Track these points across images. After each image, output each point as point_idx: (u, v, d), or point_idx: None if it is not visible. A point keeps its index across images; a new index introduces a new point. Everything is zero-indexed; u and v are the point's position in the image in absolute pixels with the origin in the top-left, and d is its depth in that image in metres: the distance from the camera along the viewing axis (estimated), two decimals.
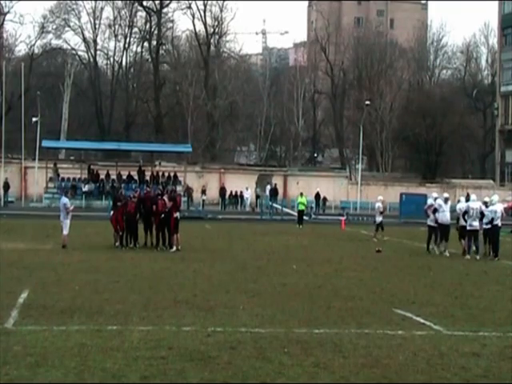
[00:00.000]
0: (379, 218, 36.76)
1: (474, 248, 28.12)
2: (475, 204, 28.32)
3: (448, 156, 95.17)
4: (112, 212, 28.88)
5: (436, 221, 29.35)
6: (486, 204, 28.33)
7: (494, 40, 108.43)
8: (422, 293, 18.29)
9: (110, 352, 11.26)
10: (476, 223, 27.80)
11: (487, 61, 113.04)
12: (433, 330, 13.76)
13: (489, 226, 27.70)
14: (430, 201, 31.21)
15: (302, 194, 49.41)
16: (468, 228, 27.93)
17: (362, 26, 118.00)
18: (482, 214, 27.78)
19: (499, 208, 28.68)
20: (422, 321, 14.53)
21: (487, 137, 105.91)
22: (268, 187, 71.26)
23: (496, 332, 13.67)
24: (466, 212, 28.14)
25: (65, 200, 28.42)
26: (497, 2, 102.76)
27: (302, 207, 48.46)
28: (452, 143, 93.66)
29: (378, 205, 37.18)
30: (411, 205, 61.92)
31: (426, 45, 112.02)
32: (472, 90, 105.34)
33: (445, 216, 28.98)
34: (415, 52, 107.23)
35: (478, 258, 27.48)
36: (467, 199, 31.61)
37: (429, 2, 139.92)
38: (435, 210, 29.33)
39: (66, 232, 27.63)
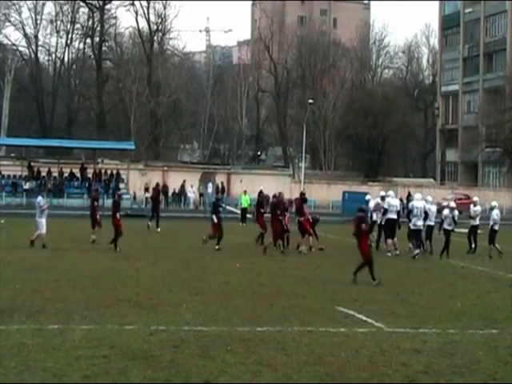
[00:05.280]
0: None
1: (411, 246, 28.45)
2: (419, 203, 28.34)
3: (390, 155, 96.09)
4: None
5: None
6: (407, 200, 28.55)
7: (434, 41, 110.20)
8: (364, 290, 18.44)
9: (51, 351, 11.14)
10: (420, 222, 27.74)
11: (428, 61, 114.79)
12: (374, 328, 13.90)
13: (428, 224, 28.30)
14: (377, 200, 31.14)
15: (245, 192, 49.53)
16: (412, 227, 27.97)
17: (305, 25, 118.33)
18: (426, 214, 28.05)
19: (434, 207, 29.24)
20: (364, 318, 14.66)
21: (428, 136, 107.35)
22: (210, 185, 70.97)
23: (436, 329, 13.87)
24: (410, 211, 28.32)
25: (39, 199, 28.39)
26: (437, 4, 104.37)
27: (245, 205, 48.54)
28: (394, 142, 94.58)
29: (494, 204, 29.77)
30: (354, 203, 62.22)
31: (368, 44, 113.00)
32: (413, 89, 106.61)
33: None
34: (358, 51, 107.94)
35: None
36: (408, 198, 31.70)
37: (371, 2, 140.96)
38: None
39: (43, 231, 27.22)
